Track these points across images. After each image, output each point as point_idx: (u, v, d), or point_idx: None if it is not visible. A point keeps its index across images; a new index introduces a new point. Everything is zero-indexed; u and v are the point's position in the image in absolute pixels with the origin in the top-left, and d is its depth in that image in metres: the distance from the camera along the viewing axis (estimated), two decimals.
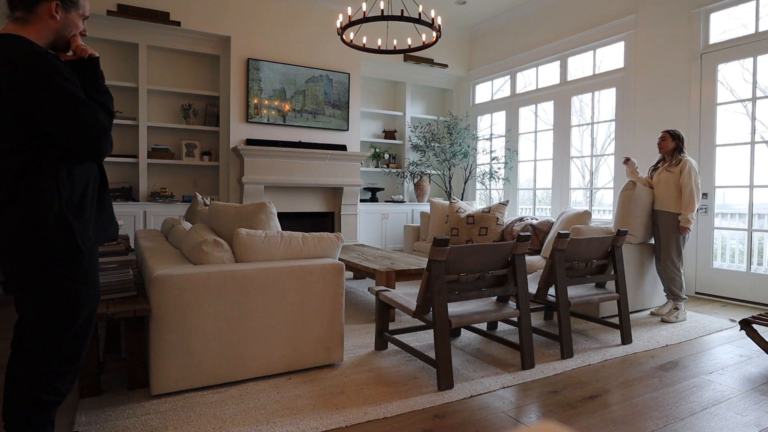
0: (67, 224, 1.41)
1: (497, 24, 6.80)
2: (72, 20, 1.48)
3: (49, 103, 1.33)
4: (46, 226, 1.38)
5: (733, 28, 4.39)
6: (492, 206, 5.10)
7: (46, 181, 1.38)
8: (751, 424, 2.02)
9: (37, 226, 1.37)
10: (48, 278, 1.41)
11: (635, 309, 3.88)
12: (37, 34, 1.42)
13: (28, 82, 1.31)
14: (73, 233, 1.42)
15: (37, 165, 1.38)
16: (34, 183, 1.36)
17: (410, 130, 7.14)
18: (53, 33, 1.46)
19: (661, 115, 4.84)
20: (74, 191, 1.44)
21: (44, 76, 1.32)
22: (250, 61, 5.62)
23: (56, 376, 1.48)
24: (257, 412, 2.04)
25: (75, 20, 1.49)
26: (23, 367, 1.46)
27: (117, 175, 5.52)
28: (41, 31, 1.43)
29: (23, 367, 1.46)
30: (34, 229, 1.37)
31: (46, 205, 1.38)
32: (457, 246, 2.35)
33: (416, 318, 2.52)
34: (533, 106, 6.44)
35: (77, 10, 1.49)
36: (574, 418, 2.06)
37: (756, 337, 2.71)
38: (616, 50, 5.38)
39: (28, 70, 1.32)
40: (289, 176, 5.75)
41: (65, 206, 1.41)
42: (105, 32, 5.17)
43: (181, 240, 2.86)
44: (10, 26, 1.41)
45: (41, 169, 1.38)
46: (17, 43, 1.35)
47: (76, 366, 1.53)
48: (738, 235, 4.49)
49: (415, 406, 2.14)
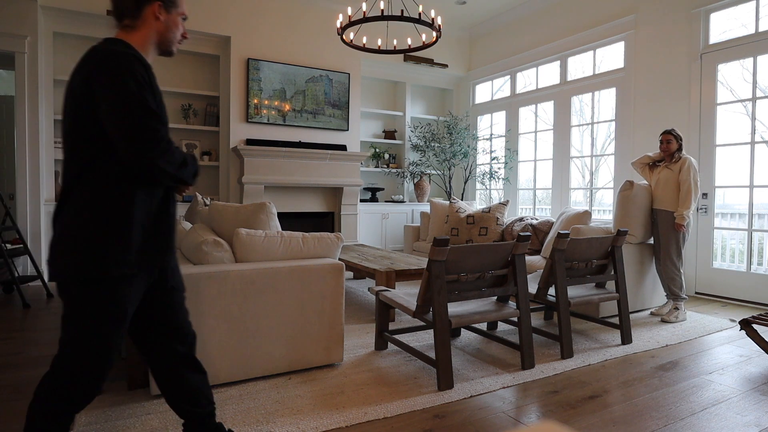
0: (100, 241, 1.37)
1: (497, 24, 6.80)
2: (174, 20, 1.51)
3: (109, 98, 1.31)
4: (79, 239, 1.35)
5: (733, 28, 4.39)
6: (492, 206, 5.10)
7: (94, 192, 1.36)
8: (751, 424, 2.02)
9: (71, 236, 1.35)
10: (70, 290, 1.38)
11: (635, 309, 3.88)
12: (142, 39, 1.46)
13: (100, 79, 1.32)
14: (103, 251, 1.36)
15: (92, 173, 1.36)
16: (80, 192, 1.36)
17: (410, 130, 7.14)
18: (157, 35, 1.49)
19: (661, 115, 4.84)
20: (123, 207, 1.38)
21: (114, 73, 1.32)
22: (250, 61, 5.62)
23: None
24: (257, 412, 2.04)
25: (176, 20, 1.52)
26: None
27: None
28: (147, 34, 1.47)
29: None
30: (67, 239, 1.36)
31: (84, 217, 1.35)
32: (457, 246, 2.35)
33: (416, 318, 2.52)
34: (533, 106, 6.44)
35: (176, 9, 1.52)
36: (574, 418, 2.06)
37: (756, 337, 2.70)
38: (616, 50, 5.38)
39: (104, 67, 1.33)
40: (289, 176, 5.75)
41: (108, 222, 1.36)
42: (105, 32, 5.17)
43: (181, 240, 2.86)
44: (119, 33, 1.47)
45: (94, 178, 1.36)
46: (110, 43, 1.39)
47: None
48: (738, 235, 4.49)
49: (415, 406, 2.14)
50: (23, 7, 4.66)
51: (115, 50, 1.35)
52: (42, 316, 3.59)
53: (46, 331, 3.22)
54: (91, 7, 4.95)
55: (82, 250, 1.34)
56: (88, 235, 1.34)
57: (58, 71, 5.14)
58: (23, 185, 4.72)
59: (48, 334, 3.15)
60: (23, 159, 4.71)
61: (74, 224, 1.35)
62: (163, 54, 1.55)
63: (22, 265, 4.76)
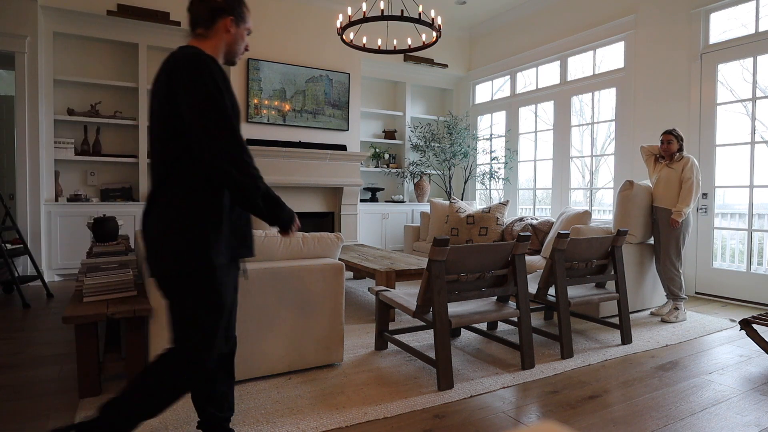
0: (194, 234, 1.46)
1: (497, 24, 6.80)
2: (241, 34, 1.61)
3: (191, 96, 1.38)
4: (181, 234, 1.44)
5: (733, 28, 4.39)
6: (492, 206, 5.10)
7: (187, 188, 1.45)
8: (751, 424, 2.02)
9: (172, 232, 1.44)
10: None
11: (635, 309, 3.88)
12: (213, 48, 1.56)
13: (182, 78, 1.40)
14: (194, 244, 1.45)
15: (182, 171, 1.45)
16: (174, 190, 1.45)
17: (410, 130, 7.14)
18: (226, 46, 1.59)
19: (661, 115, 4.84)
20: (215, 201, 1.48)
21: (198, 74, 1.40)
22: (250, 61, 5.62)
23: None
24: (257, 412, 2.04)
25: (243, 34, 1.62)
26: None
27: (117, 175, 5.52)
28: (217, 44, 1.57)
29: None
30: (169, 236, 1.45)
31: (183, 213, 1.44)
32: (457, 246, 2.35)
33: (416, 318, 2.52)
34: (533, 106, 6.44)
35: (245, 24, 1.62)
36: (574, 418, 2.06)
37: (756, 337, 2.71)
38: (616, 50, 5.38)
39: (185, 68, 1.41)
40: (289, 176, 5.75)
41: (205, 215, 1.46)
42: (105, 32, 5.17)
43: None
44: (192, 41, 1.56)
45: (185, 175, 1.45)
46: (189, 48, 1.48)
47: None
48: (738, 235, 4.49)
49: (415, 406, 2.14)
50: (23, 7, 4.66)
51: (194, 53, 1.44)
52: (42, 316, 3.59)
53: (46, 331, 3.21)
54: (91, 7, 4.95)
55: (186, 243, 1.42)
56: (189, 230, 1.43)
57: (58, 71, 5.14)
58: (23, 185, 4.72)
59: (48, 334, 3.15)
60: (23, 159, 4.71)
61: (173, 220, 1.43)
62: (227, 63, 1.64)
63: (22, 265, 4.76)
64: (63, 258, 4.97)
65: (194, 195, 1.44)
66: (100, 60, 5.40)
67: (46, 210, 4.87)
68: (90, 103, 5.35)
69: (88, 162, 5.36)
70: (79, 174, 5.38)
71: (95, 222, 3.78)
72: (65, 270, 5.01)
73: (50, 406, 2.09)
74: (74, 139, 5.22)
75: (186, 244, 1.43)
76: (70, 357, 2.71)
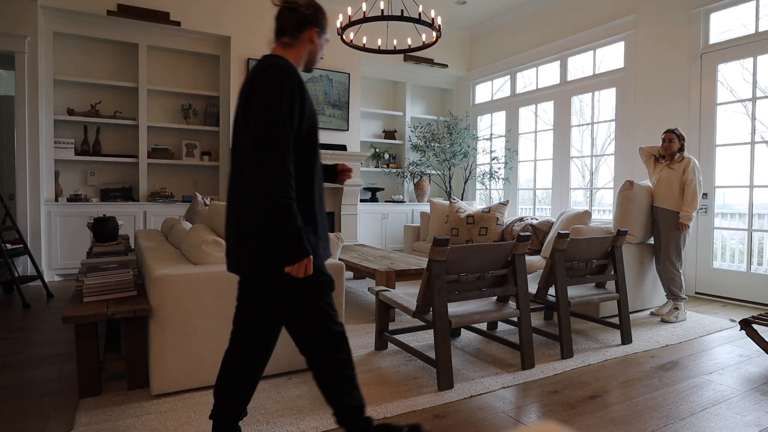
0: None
1: (497, 24, 6.80)
2: (321, 44, 1.69)
3: (259, 105, 1.44)
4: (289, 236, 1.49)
5: (733, 28, 4.39)
6: (492, 206, 5.10)
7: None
8: (751, 424, 2.02)
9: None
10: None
11: (635, 309, 3.88)
12: (296, 57, 1.64)
13: (259, 86, 1.46)
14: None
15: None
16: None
17: (410, 130, 7.14)
18: (308, 55, 1.67)
19: (661, 115, 4.84)
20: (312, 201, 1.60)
21: (273, 86, 1.45)
22: (250, 61, 5.62)
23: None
24: (257, 412, 2.04)
25: (323, 44, 1.70)
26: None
27: (117, 175, 5.52)
28: (300, 53, 1.64)
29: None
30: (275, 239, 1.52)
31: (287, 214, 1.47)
32: (457, 246, 2.35)
33: (416, 318, 2.52)
34: (533, 106, 6.44)
35: (325, 35, 1.70)
36: (574, 418, 2.06)
37: (756, 337, 2.71)
38: (616, 50, 5.38)
39: (265, 77, 1.47)
40: None
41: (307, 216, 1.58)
42: (105, 32, 5.17)
43: (181, 240, 2.86)
44: (277, 49, 1.64)
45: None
46: (275, 58, 1.54)
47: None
48: (738, 235, 4.49)
49: (415, 406, 2.14)
50: (23, 7, 4.66)
51: (278, 64, 1.50)
52: (42, 316, 3.59)
53: (46, 331, 3.22)
54: (91, 7, 4.95)
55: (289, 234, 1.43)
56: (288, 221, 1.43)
57: (58, 71, 5.14)
58: (23, 185, 4.72)
59: (48, 334, 3.15)
60: (23, 159, 4.71)
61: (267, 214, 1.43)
62: (305, 71, 1.71)
63: (22, 265, 4.77)
64: (63, 258, 4.97)
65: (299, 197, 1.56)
66: (100, 60, 5.40)
67: (46, 210, 4.87)
68: (90, 103, 5.35)
69: (88, 162, 5.36)
70: (79, 174, 5.38)
71: (95, 222, 3.78)
72: (65, 270, 5.01)
73: (50, 406, 2.09)
74: (74, 139, 5.22)
75: (302, 244, 1.54)
76: (70, 357, 2.72)
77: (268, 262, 1.49)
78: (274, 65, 1.49)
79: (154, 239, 3.46)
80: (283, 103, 1.44)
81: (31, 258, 4.35)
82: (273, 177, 1.40)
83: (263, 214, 1.44)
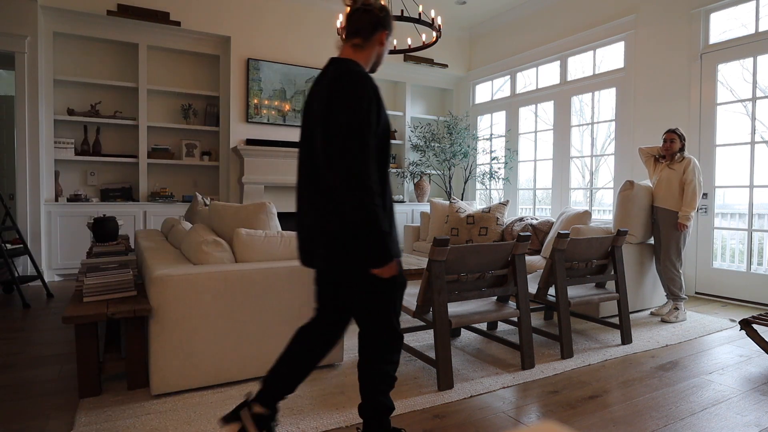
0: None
1: (497, 24, 6.80)
2: (387, 46, 1.75)
3: (342, 112, 1.48)
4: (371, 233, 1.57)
5: (733, 28, 4.39)
6: (492, 206, 5.10)
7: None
8: (751, 424, 2.02)
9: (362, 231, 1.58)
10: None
11: (635, 309, 3.88)
12: (366, 59, 1.69)
13: (340, 92, 1.51)
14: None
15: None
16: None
17: (410, 130, 7.14)
18: (376, 57, 1.72)
19: (661, 115, 4.84)
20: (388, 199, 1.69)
21: (355, 93, 1.50)
22: (250, 61, 5.62)
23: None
24: None
25: (388, 47, 1.76)
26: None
27: (117, 175, 5.52)
28: (369, 55, 1.69)
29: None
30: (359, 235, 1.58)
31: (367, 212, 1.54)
32: (457, 246, 2.35)
33: (416, 318, 2.52)
34: (533, 106, 6.44)
35: (390, 37, 1.76)
36: (574, 418, 2.06)
37: (756, 337, 2.71)
38: (616, 50, 5.38)
39: (346, 83, 1.52)
40: (290, 176, 5.74)
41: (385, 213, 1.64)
42: (105, 32, 5.18)
43: (181, 240, 2.86)
44: (347, 50, 1.68)
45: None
46: (352, 64, 1.61)
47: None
48: (738, 235, 4.48)
49: (415, 406, 2.14)
50: (23, 7, 4.66)
51: (357, 71, 1.55)
52: (42, 316, 3.59)
53: (46, 331, 3.22)
54: (91, 7, 4.95)
55: (377, 240, 1.49)
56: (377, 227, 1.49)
57: (58, 71, 5.14)
58: (23, 185, 4.72)
59: (48, 334, 3.15)
60: (23, 159, 4.72)
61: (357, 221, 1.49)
62: (370, 72, 1.75)
63: (22, 265, 4.77)
64: (63, 258, 4.97)
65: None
66: (100, 60, 5.40)
67: (46, 210, 4.87)
68: (90, 103, 5.35)
69: (88, 162, 5.36)
70: (79, 174, 5.38)
71: (95, 222, 3.78)
72: (65, 270, 5.01)
73: (50, 406, 2.09)
74: (74, 139, 5.22)
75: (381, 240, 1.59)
76: (70, 357, 2.72)
77: (355, 263, 1.55)
78: (353, 72, 1.54)
79: (154, 239, 3.46)
80: (367, 111, 1.49)
81: (31, 258, 4.35)
82: (361, 184, 1.45)
83: (352, 221, 1.48)
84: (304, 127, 1.64)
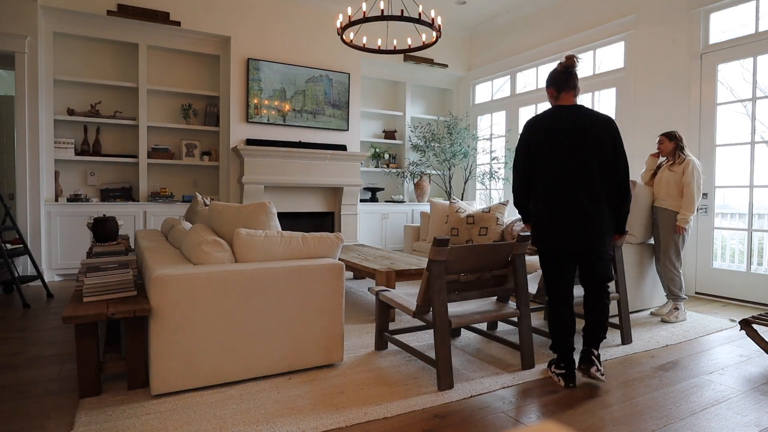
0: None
1: (497, 24, 6.80)
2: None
3: (622, 150, 2.46)
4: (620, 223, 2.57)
5: (733, 28, 4.39)
6: (492, 206, 5.10)
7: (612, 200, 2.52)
8: (751, 424, 2.02)
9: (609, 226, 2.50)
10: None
11: (635, 309, 3.88)
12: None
13: (617, 136, 2.45)
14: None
15: (608, 186, 2.48)
16: (608, 200, 2.47)
17: (410, 130, 7.14)
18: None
19: (661, 115, 4.84)
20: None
21: (619, 133, 2.48)
22: (250, 61, 5.62)
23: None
24: (257, 412, 2.04)
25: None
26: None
27: (117, 175, 5.52)
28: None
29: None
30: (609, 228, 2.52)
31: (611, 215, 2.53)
32: (457, 246, 2.35)
33: (416, 318, 2.52)
34: (533, 106, 6.43)
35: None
36: (574, 418, 2.06)
37: (756, 337, 2.70)
38: (616, 50, 5.38)
39: (616, 130, 2.46)
40: (289, 176, 5.75)
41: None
42: (105, 32, 5.18)
43: (181, 240, 2.86)
44: (573, 99, 2.51)
45: (610, 192, 2.51)
46: (591, 110, 2.47)
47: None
48: (738, 235, 4.48)
49: (415, 406, 2.14)
50: (23, 7, 4.66)
51: (607, 116, 2.49)
52: (42, 316, 3.59)
53: (46, 331, 3.22)
54: (91, 7, 4.95)
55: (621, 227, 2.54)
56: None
57: (58, 71, 5.14)
58: (23, 185, 4.72)
59: (48, 334, 3.15)
60: (23, 159, 4.72)
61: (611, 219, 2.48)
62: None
63: (22, 265, 4.77)
64: (63, 258, 4.97)
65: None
66: (100, 60, 5.40)
67: (46, 210, 4.87)
68: (90, 103, 5.35)
69: (88, 162, 5.36)
70: (79, 174, 5.38)
71: (95, 222, 3.78)
72: (65, 270, 5.01)
73: (50, 406, 2.09)
74: (74, 139, 5.22)
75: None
76: (70, 357, 2.72)
77: (611, 237, 2.48)
78: (605, 117, 2.46)
79: (154, 239, 3.46)
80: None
81: (31, 258, 4.35)
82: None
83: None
84: (577, 148, 2.40)
